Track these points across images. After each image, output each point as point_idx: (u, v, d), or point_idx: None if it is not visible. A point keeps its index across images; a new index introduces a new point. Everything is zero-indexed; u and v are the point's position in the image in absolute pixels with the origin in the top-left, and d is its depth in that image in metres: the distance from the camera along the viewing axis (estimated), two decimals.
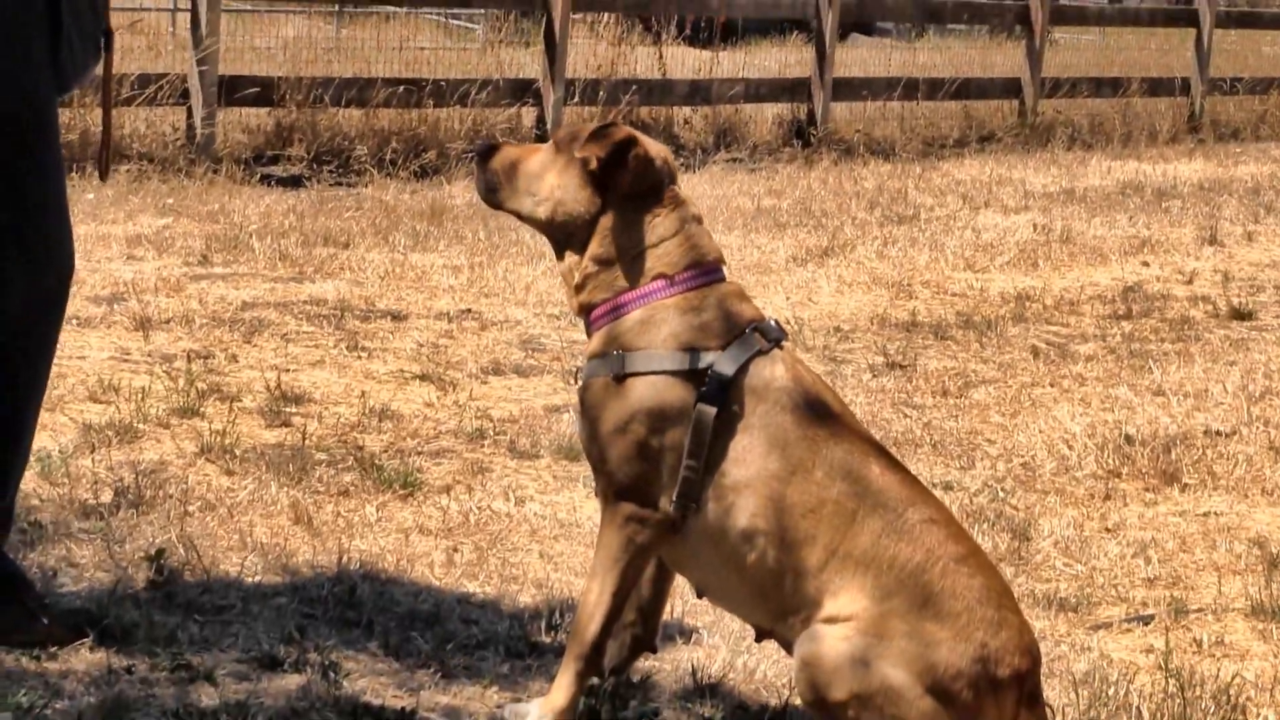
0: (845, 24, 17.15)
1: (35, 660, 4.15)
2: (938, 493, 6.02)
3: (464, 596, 4.82)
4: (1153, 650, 4.79)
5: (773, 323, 4.05)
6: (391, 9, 17.91)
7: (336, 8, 18.31)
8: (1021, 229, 11.83)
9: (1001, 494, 6.09)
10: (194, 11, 12.36)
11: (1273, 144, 18.12)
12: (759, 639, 4.07)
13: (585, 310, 4.08)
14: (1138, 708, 4.30)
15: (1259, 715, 4.30)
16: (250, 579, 4.84)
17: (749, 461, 3.89)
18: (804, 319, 8.65)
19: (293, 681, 4.17)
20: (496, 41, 16.40)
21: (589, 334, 4.08)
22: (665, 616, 4.65)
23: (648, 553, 4.01)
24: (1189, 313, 9.48)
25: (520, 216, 4.18)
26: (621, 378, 3.97)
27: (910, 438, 6.72)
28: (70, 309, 7.71)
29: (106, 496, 5.37)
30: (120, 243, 9.20)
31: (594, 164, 4.02)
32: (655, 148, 4.13)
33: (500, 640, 4.54)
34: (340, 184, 12.38)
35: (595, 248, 4.05)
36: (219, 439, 5.96)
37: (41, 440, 5.82)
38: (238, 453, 5.88)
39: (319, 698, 4.08)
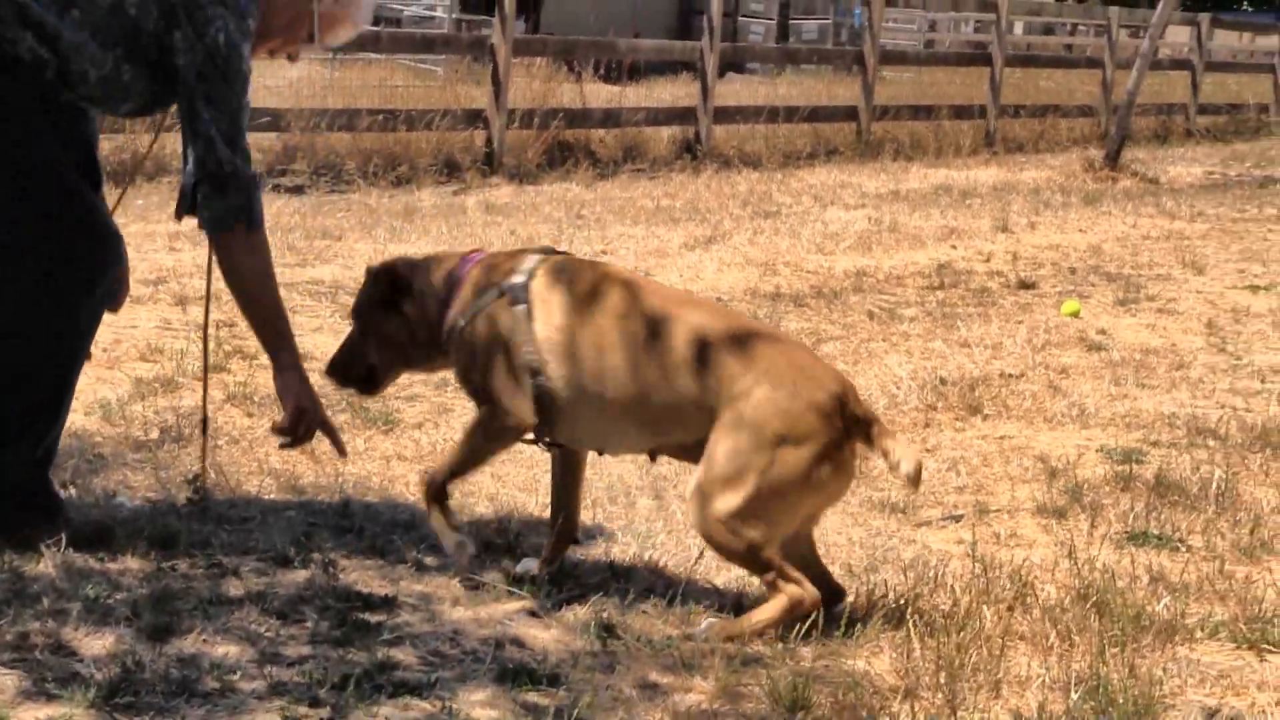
0: (723, 65, 17.10)
1: (99, 560, 4.09)
2: None
3: None
4: (963, 542, 4.80)
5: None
6: (372, 56, 17.80)
7: (331, 55, 18.16)
8: (859, 221, 11.83)
9: None
10: None
11: (1049, 155, 18.19)
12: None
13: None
14: (952, 586, 4.30)
15: (1043, 588, 4.31)
16: (266, 497, 4.80)
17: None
18: (693, 291, 8.62)
19: (300, 575, 4.13)
20: (454, 80, 16.32)
21: None
22: (587, 522, 4.64)
23: None
24: (987, 284, 9.51)
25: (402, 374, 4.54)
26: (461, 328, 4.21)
27: None
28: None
29: (154, 434, 5.31)
30: (163, 238, 9.09)
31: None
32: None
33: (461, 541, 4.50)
34: (334, 191, 12.26)
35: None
36: (241, 388, 5.91)
37: (103, 390, 5.76)
38: (256, 399, 5.82)
39: (321, 587, 4.05)
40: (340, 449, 4.40)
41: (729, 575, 4.40)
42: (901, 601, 4.14)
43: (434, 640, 3.80)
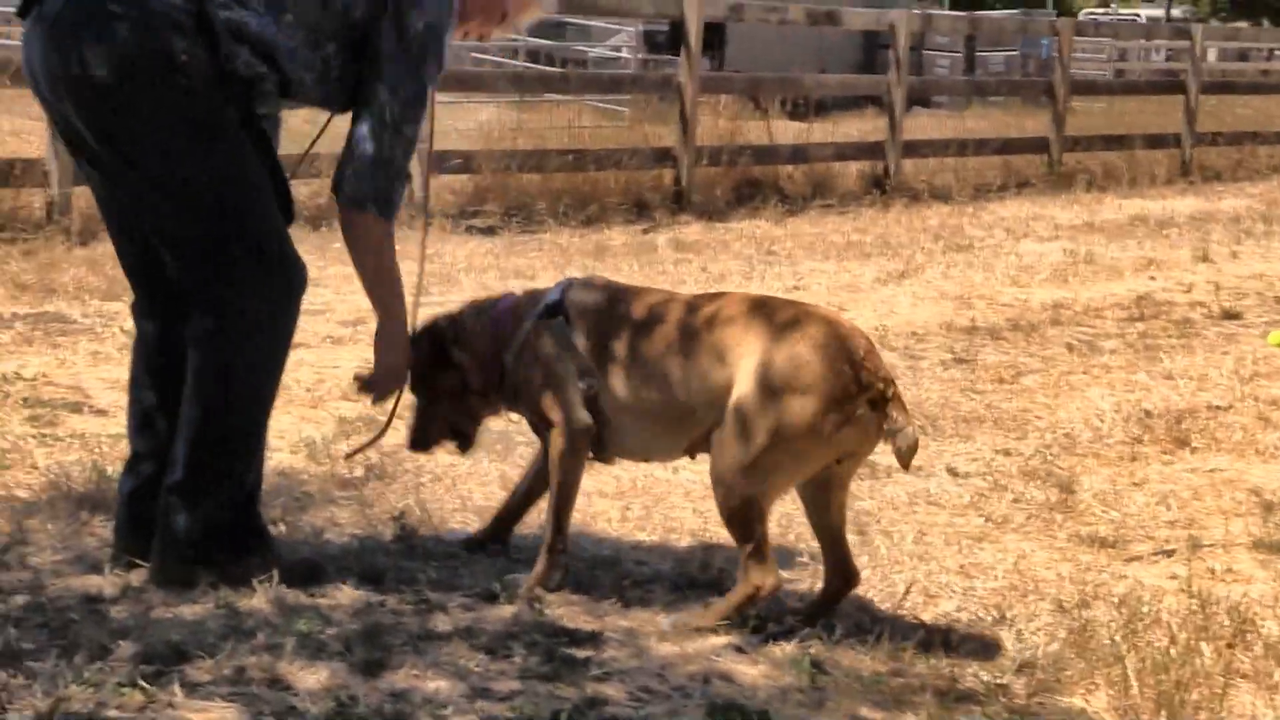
0: (910, 99, 16.97)
1: (310, 596, 4.15)
2: (999, 459, 5.95)
3: (635, 544, 4.79)
4: (1176, 577, 4.69)
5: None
6: (559, 97, 17.98)
7: (518, 98, 18.37)
8: (1054, 253, 11.66)
9: (1049, 458, 5.99)
10: None
11: (1248, 184, 17.78)
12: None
13: None
14: (1168, 622, 4.20)
15: (1264, 624, 4.19)
16: (471, 532, 4.82)
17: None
18: (888, 326, 8.56)
19: (507, 611, 4.15)
20: (641, 120, 16.40)
21: None
22: (790, 557, 4.61)
23: None
24: (1189, 315, 9.31)
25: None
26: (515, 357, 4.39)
27: (975, 415, 6.62)
28: (324, 330, 7.82)
29: (359, 473, 5.38)
30: None
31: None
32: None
33: (665, 577, 4.51)
34: (525, 232, 12.36)
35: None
36: None
37: (307, 430, 5.86)
38: None
39: (527, 623, 4.06)
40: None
41: (936, 610, 4.34)
42: (1116, 638, 4.05)
43: (641, 675, 3.79)
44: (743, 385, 3.96)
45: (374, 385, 4.40)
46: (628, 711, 3.57)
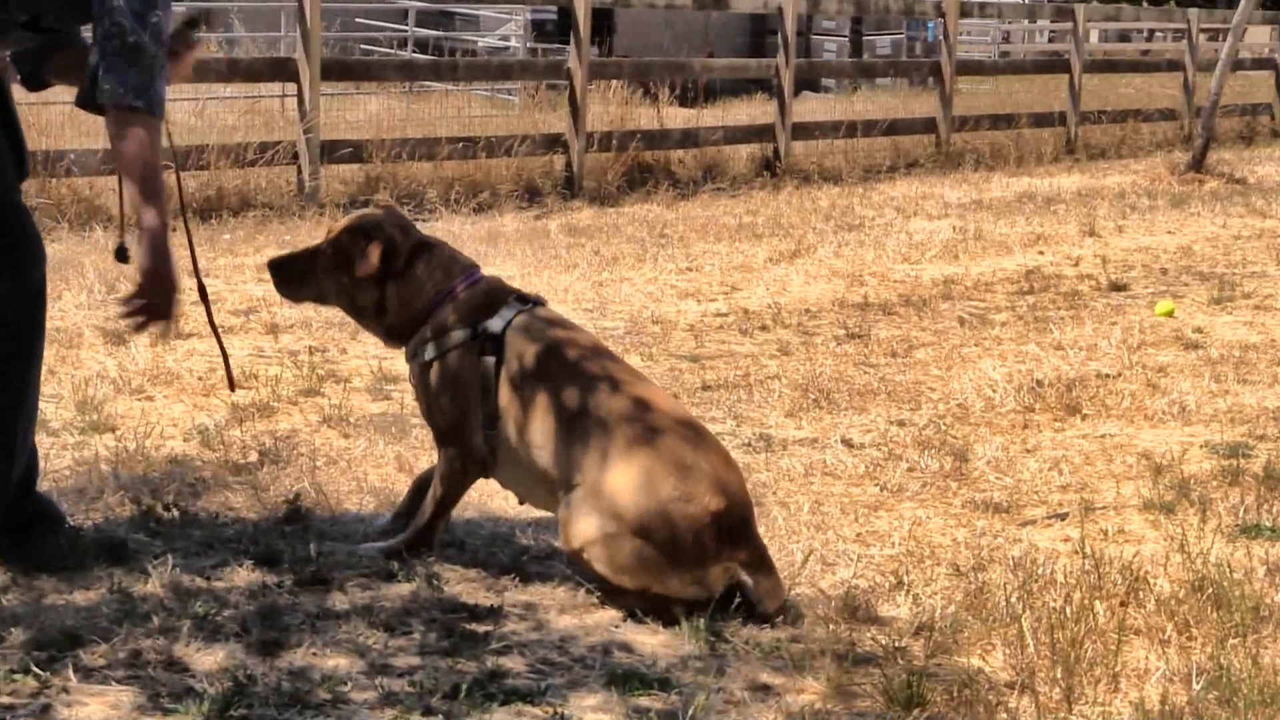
0: (798, 83, 17.05)
1: (205, 579, 4.11)
2: (894, 429, 6.00)
3: (532, 520, 4.76)
4: (1069, 540, 4.74)
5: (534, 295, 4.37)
6: (449, 87, 17.91)
7: (408, 87, 18.28)
8: (944, 231, 11.75)
9: (943, 427, 6.04)
10: (299, 95, 12.33)
11: (1132, 160, 18.00)
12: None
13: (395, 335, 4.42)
14: (1063, 583, 4.25)
15: (1156, 582, 4.25)
16: (366, 514, 4.80)
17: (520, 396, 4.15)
18: (781, 304, 8.60)
19: (405, 589, 4.13)
20: (531, 107, 16.37)
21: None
22: None
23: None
24: (1077, 287, 9.42)
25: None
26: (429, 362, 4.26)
27: (869, 389, 6.66)
28: (217, 319, 7.73)
29: (253, 457, 5.33)
30: (251, 270, 9.13)
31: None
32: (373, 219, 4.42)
33: (563, 552, 4.49)
34: (417, 219, 12.24)
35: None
36: (336, 411, 5.92)
37: (200, 417, 5.80)
38: (351, 420, 5.84)
39: (426, 600, 4.05)
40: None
41: (834, 577, 4.37)
42: (1012, 599, 4.09)
43: (542, 648, 3.79)
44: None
45: (143, 296, 3.92)
46: (529, 683, 3.56)
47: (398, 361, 6.92)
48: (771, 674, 3.69)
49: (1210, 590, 4.09)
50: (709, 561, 3.91)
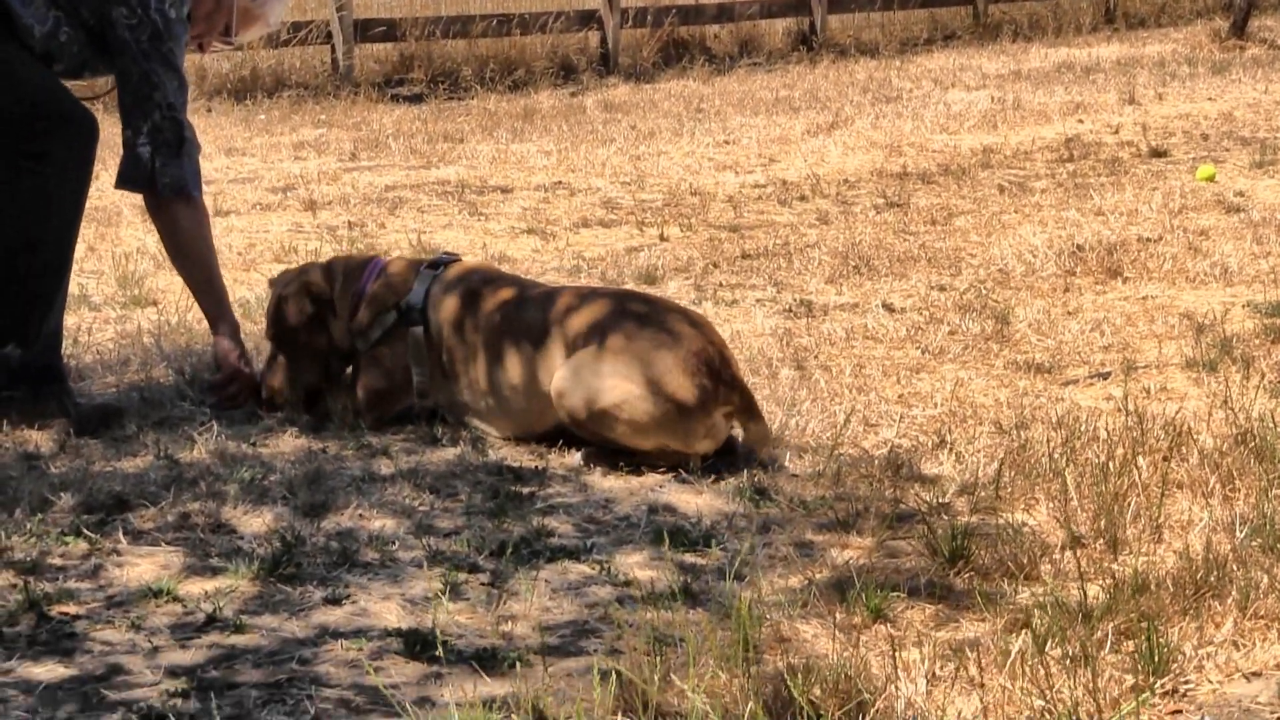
0: None
1: (251, 446, 4.13)
2: (934, 294, 5.96)
3: None
4: (1111, 398, 4.71)
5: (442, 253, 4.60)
6: None
7: None
8: (982, 101, 11.64)
9: (984, 292, 6.00)
10: None
11: (1171, 29, 17.76)
12: None
13: None
14: (1106, 439, 4.23)
15: (1199, 437, 4.23)
16: None
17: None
18: (819, 175, 8.55)
19: (450, 453, 4.15)
20: None
21: None
22: None
23: None
24: (1118, 154, 9.33)
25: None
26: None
27: (909, 255, 6.62)
28: (254, 197, 7.73)
29: None
30: (288, 148, 9.13)
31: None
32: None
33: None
34: (452, 98, 12.24)
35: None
36: None
37: (241, 291, 5.80)
38: None
39: (471, 464, 4.06)
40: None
41: (876, 437, 4.36)
42: (1055, 455, 4.08)
43: (587, 508, 3.80)
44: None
45: (221, 389, 4.50)
46: (575, 541, 3.57)
47: (435, 235, 6.93)
48: (816, 531, 3.69)
49: (1253, 443, 4.07)
50: (711, 406, 3.96)
